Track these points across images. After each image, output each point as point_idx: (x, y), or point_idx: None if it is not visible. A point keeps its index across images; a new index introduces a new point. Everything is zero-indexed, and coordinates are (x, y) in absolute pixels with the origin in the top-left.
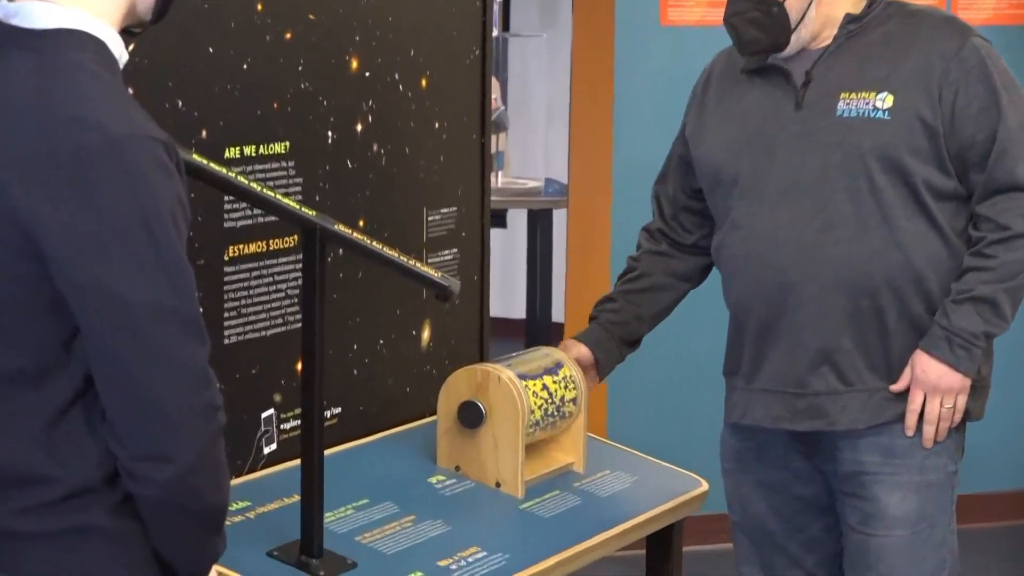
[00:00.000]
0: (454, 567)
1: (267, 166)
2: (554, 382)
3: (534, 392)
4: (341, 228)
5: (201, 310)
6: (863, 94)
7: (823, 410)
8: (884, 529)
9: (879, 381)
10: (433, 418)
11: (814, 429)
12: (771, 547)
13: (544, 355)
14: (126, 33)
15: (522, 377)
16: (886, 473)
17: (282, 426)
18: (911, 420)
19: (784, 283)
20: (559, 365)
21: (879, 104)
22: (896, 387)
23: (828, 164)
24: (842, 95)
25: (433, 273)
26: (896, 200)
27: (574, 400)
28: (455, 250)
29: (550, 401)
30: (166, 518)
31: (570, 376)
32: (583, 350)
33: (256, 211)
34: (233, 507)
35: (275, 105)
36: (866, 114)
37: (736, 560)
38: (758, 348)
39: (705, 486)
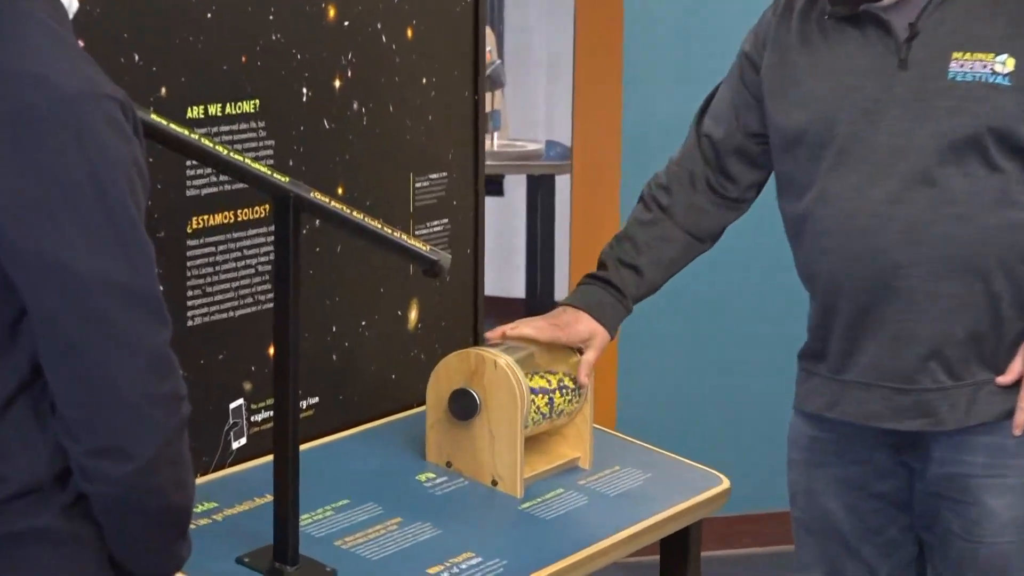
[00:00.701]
0: (445, 574)
1: (234, 127)
2: (561, 395)
3: (536, 407)
4: (317, 196)
5: (162, 288)
6: (979, 55)
7: (931, 408)
8: (993, 536)
9: (986, 372)
10: (421, 408)
11: (918, 429)
12: (840, 549)
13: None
14: None
15: (533, 391)
16: (993, 476)
17: (253, 418)
18: (1021, 418)
19: (887, 265)
20: (568, 375)
21: (998, 68)
22: (1004, 380)
23: (938, 133)
24: (954, 55)
25: (421, 246)
26: (1013, 174)
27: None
28: (445, 220)
29: (549, 415)
30: (123, 520)
31: (574, 385)
32: (600, 336)
33: (222, 178)
34: (198, 508)
35: (243, 59)
36: (983, 79)
37: (796, 563)
38: (852, 336)
39: (726, 483)
